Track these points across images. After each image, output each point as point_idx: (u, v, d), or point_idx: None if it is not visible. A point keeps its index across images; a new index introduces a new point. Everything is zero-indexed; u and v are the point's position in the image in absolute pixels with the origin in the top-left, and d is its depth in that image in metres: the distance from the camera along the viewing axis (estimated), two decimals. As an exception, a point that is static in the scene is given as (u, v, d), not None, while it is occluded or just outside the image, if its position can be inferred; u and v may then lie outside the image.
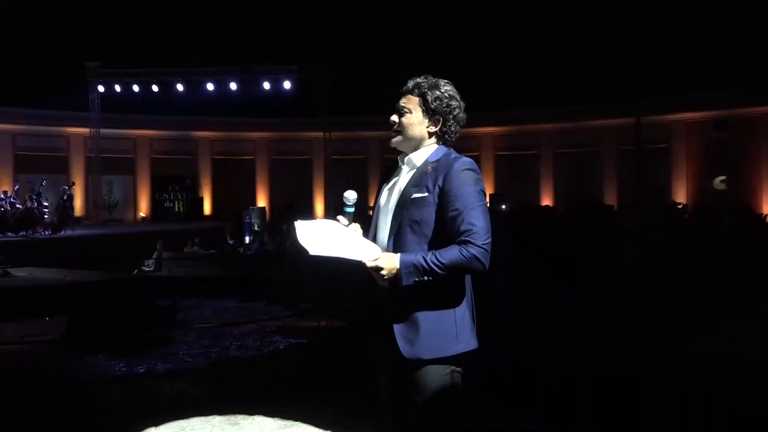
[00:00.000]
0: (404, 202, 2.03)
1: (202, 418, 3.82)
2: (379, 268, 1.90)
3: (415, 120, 2.10)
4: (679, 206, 18.35)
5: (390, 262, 1.91)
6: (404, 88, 2.15)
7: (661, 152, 22.76)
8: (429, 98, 2.08)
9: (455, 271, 1.92)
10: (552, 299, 8.09)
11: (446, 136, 2.13)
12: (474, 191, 1.97)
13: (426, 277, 1.89)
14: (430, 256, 1.90)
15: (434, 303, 1.97)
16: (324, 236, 1.98)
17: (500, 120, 24.69)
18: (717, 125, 21.77)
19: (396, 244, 2.02)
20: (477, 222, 1.92)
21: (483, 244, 1.91)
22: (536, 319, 7.07)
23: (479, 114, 23.54)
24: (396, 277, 1.91)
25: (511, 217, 14.94)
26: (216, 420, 3.80)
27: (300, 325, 7.59)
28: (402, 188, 2.08)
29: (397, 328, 1.97)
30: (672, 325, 6.61)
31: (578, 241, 10.10)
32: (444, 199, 1.97)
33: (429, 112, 2.10)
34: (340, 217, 2.09)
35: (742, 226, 10.63)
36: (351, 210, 2.11)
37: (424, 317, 1.96)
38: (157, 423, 3.77)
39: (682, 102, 21.86)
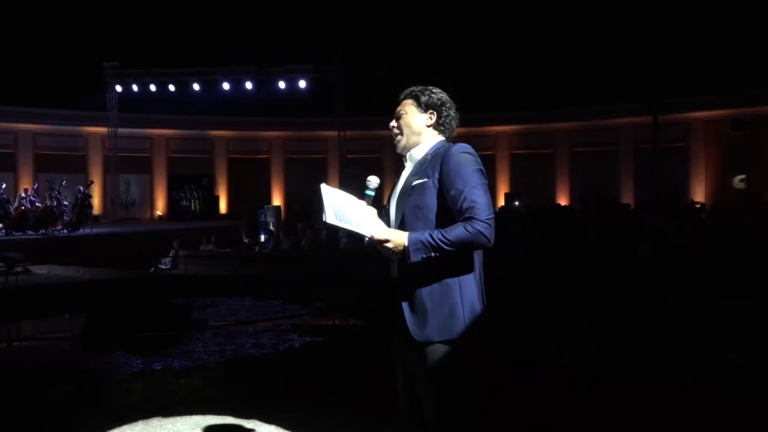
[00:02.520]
0: (406, 190, 2.15)
1: (218, 416, 3.84)
2: (385, 241, 2.00)
3: (412, 117, 2.25)
4: (697, 206, 18.14)
5: (397, 237, 2.01)
6: (398, 101, 2.32)
7: (679, 151, 22.50)
8: (421, 97, 2.25)
9: (462, 246, 1.98)
10: (568, 298, 8.02)
11: (443, 128, 2.26)
12: (473, 171, 2.06)
13: (433, 254, 1.97)
14: (436, 233, 1.98)
15: (442, 286, 2.03)
16: (343, 206, 2.10)
17: (516, 119, 24.62)
18: (735, 124, 21.48)
19: (401, 229, 2.09)
20: (479, 199, 2.00)
21: (486, 219, 1.98)
22: (548, 317, 7.02)
23: (495, 113, 23.50)
24: (404, 254, 2.00)
25: (526, 216, 14.82)
26: (231, 417, 3.81)
27: (315, 324, 7.60)
28: (404, 179, 2.21)
29: (408, 313, 2.05)
30: (688, 327, 6.52)
31: (595, 240, 10.01)
32: (444, 182, 2.06)
33: (423, 107, 2.25)
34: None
35: (763, 226, 10.45)
36: (371, 193, 2.22)
37: (432, 300, 2.02)
38: (173, 419, 3.80)
39: (700, 100, 21.60)
